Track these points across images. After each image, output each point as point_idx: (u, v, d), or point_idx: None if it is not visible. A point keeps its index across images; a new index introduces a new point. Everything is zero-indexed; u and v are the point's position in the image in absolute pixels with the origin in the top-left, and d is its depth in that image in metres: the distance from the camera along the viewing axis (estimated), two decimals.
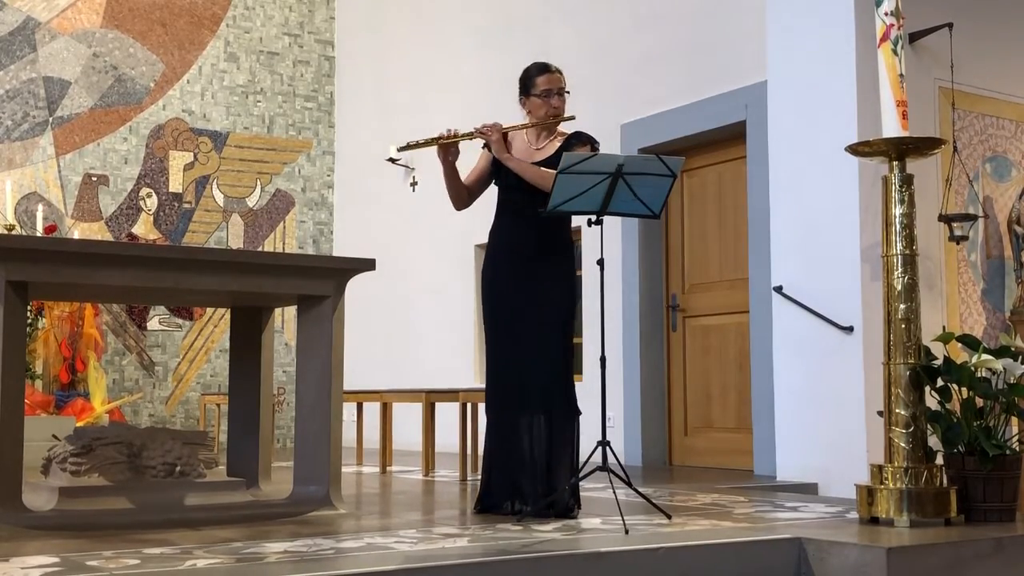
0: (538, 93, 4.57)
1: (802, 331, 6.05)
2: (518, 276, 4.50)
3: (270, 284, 4.39)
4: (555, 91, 4.57)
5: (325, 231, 11.48)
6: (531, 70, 4.64)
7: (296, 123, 11.41)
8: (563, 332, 4.49)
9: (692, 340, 7.57)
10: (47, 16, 10.33)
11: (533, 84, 4.59)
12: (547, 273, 4.50)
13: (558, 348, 4.45)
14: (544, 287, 4.48)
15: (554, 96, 4.57)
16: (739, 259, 7.17)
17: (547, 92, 4.56)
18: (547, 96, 4.56)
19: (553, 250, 4.53)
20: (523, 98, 4.64)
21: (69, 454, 4.28)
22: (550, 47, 8.28)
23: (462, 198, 4.74)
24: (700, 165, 7.55)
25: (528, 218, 4.48)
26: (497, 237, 4.62)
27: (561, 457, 4.40)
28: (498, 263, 4.58)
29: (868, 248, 5.74)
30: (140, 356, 10.44)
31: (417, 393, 6.80)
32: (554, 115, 4.58)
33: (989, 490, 4.21)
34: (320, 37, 11.60)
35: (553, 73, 4.59)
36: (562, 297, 4.51)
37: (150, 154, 10.65)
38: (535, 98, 4.58)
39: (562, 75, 4.62)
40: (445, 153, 4.61)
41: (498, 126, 4.56)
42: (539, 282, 4.48)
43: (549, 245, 4.52)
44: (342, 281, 4.57)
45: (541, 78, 4.58)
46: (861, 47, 5.80)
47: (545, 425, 4.40)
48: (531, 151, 4.61)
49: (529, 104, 4.62)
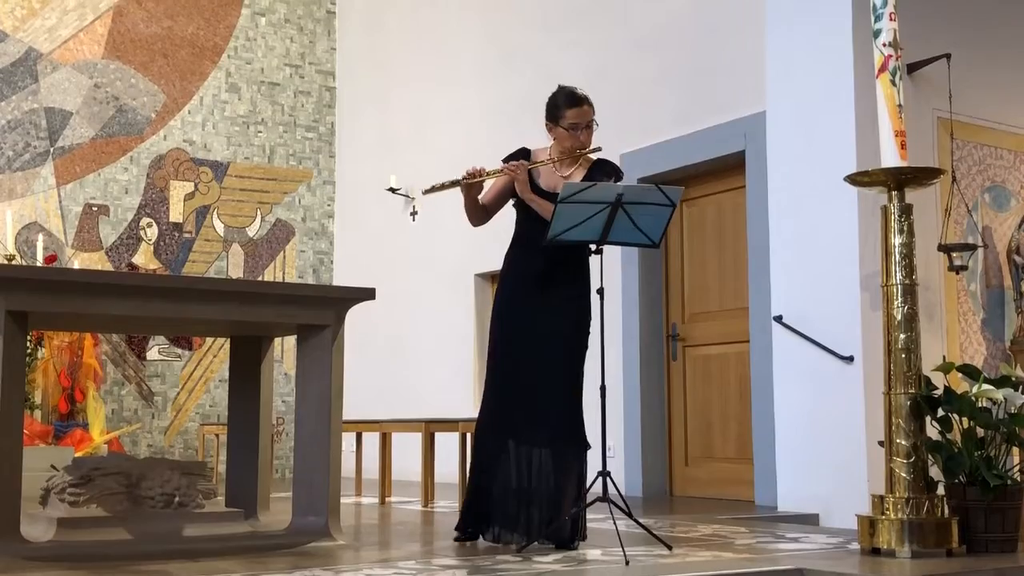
0: (566, 126, 4.52)
1: (803, 360, 6.04)
2: (531, 305, 4.48)
3: (270, 313, 4.40)
4: (583, 124, 4.53)
5: (325, 260, 11.50)
6: (560, 99, 4.54)
7: (297, 153, 11.45)
8: (575, 365, 4.46)
9: (692, 369, 7.57)
10: (49, 47, 10.38)
11: (562, 116, 4.51)
12: (560, 304, 4.48)
13: (569, 380, 4.42)
14: (556, 318, 4.46)
15: (582, 130, 4.52)
16: (739, 288, 7.18)
17: (575, 126, 4.52)
18: (575, 129, 4.51)
19: (568, 283, 4.51)
20: (550, 124, 4.57)
21: (67, 484, 4.27)
22: (549, 76, 8.31)
23: (479, 217, 4.73)
24: (700, 195, 7.56)
25: (546, 250, 4.45)
26: (514, 267, 4.59)
27: (567, 490, 4.35)
28: (514, 291, 4.55)
29: (868, 277, 5.75)
30: (139, 386, 10.43)
31: (416, 423, 6.78)
32: (581, 148, 4.55)
33: (991, 521, 4.20)
34: (321, 68, 11.67)
35: (583, 107, 4.50)
36: (574, 329, 4.49)
37: (151, 184, 10.68)
38: (562, 129, 4.54)
39: (592, 107, 4.53)
40: (468, 190, 4.60)
41: (524, 165, 4.52)
42: (551, 312, 4.46)
43: (565, 277, 4.51)
44: (342, 310, 4.57)
45: (571, 111, 4.49)
46: (860, 77, 5.83)
47: (550, 457, 4.37)
48: (557, 177, 4.58)
49: (555, 133, 4.55)
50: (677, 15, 7.67)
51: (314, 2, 11.70)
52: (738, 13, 7.16)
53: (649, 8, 7.91)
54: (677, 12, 7.67)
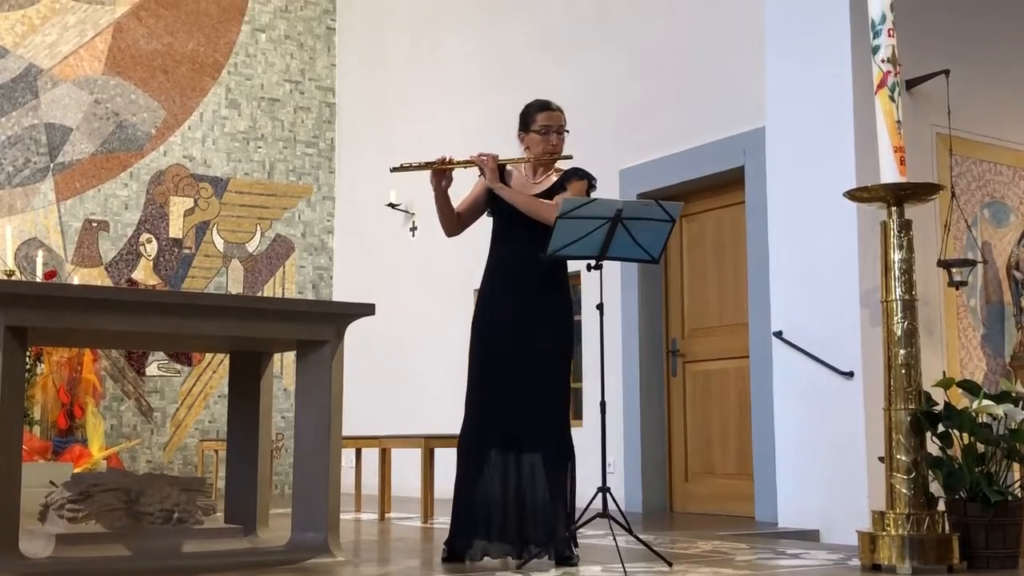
0: (537, 129, 4.57)
1: (803, 376, 6.04)
2: (513, 317, 4.47)
3: (269, 329, 4.40)
4: (554, 128, 4.57)
5: (325, 276, 11.50)
6: (531, 106, 4.65)
7: (296, 169, 11.47)
8: (559, 371, 4.45)
9: (692, 385, 7.56)
10: (49, 63, 10.41)
11: (532, 120, 4.60)
12: (542, 315, 4.47)
13: (553, 387, 4.41)
14: (538, 329, 4.45)
15: (552, 133, 4.57)
16: (739, 304, 7.18)
17: (546, 128, 4.57)
18: (545, 133, 4.56)
19: (550, 285, 4.51)
20: (522, 134, 4.65)
21: (66, 500, 4.26)
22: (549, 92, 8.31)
23: (452, 224, 4.74)
24: (699, 210, 7.57)
25: (524, 249, 4.45)
26: (494, 263, 4.61)
27: (555, 501, 4.34)
28: (494, 295, 4.55)
29: (868, 293, 5.75)
30: (138, 402, 10.42)
31: (416, 439, 6.77)
32: (552, 152, 4.59)
33: (991, 537, 4.19)
34: (321, 84, 11.69)
35: (553, 111, 4.60)
36: (557, 340, 4.48)
37: (150, 200, 10.70)
38: (534, 134, 4.58)
39: (562, 113, 4.62)
40: (439, 179, 4.62)
41: (494, 156, 4.57)
42: (534, 324, 4.45)
43: (546, 279, 4.50)
44: (341, 326, 4.57)
45: (541, 115, 4.59)
46: (859, 94, 5.84)
47: (538, 467, 4.35)
48: (529, 184, 4.61)
49: (527, 140, 4.63)
50: (676, 30, 7.69)
51: (314, 19, 11.73)
52: (738, 29, 7.19)
53: (649, 25, 7.93)
54: (677, 27, 7.70)
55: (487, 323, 4.56)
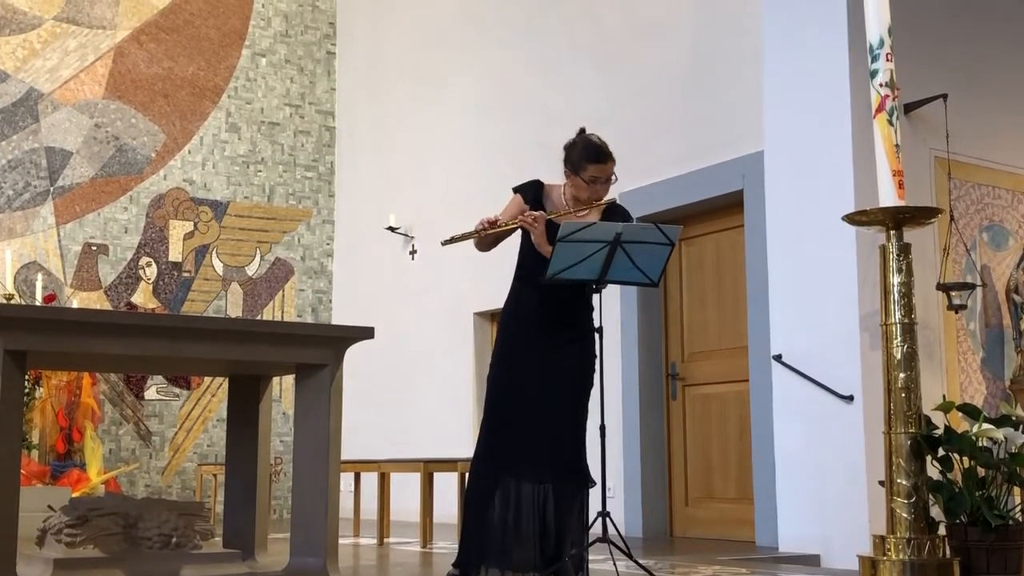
0: (586, 178, 4.54)
1: (802, 400, 6.04)
2: (541, 349, 4.46)
3: (268, 353, 4.39)
4: (603, 179, 4.57)
5: (324, 299, 11.51)
6: (587, 153, 4.55)
7: (296, 192, 11.49)
8: (577, 401, 4.45)
9: (692, 409, 7.55)
10: (50, 87, 10.44)
11: (583, 168, 4.51)
12: (567, 344, 4.47)
13: (571, 417, 4.41)
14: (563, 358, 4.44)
15: (601, 184, 4.56)
16: (738, 327, 7.18)
17: (595, 179, 4.55)
18: (594, 183, 4.55)
19: (578, 326, 4.51)
20: (569, 171, 4.58)
21: (64, 525, 4.25)
22: (549, 116, 8.38)
23: (487, 246, 4.73)
24: (698, 234, 7.59)
25: (554, 293, 4.45)
26: (516, 306, 4.58)
27: (568, 527, 4.33)
28: (516, 333, 4.53)
29: (867, 316, 5.75)
30: (137, 426, 10.40)
31: (415, 463, 6.76)
32: (596, 199, 4.58)
33: (993, 561, 4.18)
34: (321, 108, 11.73)
35: (606, 164, 4.54)
36: (581, 369, 4.47)
37: (150, 223, 10.71)
38: (581, 180, 4.55)
39: (614, 162, 4.58)
40: (486, 243, 4.62)
41: (542, 217, 4.51)
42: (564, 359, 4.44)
43: (569, 317, 4.50)
44: (341, 350, 4.56)
45: (593, 167, 4.50)
46: (857, 118, 5.86)
47: (552, 494, 4.34)
48: (571, 217, 4.57)
49: (574, 181, 4.55)
50: (675, 54, 7.73)
51: (314, 43, 11.78)
52: (736, 53, 7.22)
53: (647, 48, 7.96)
54: (675, 51, 7.73)
55: (513, 359, 4.52)
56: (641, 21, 8.07)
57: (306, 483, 4.53)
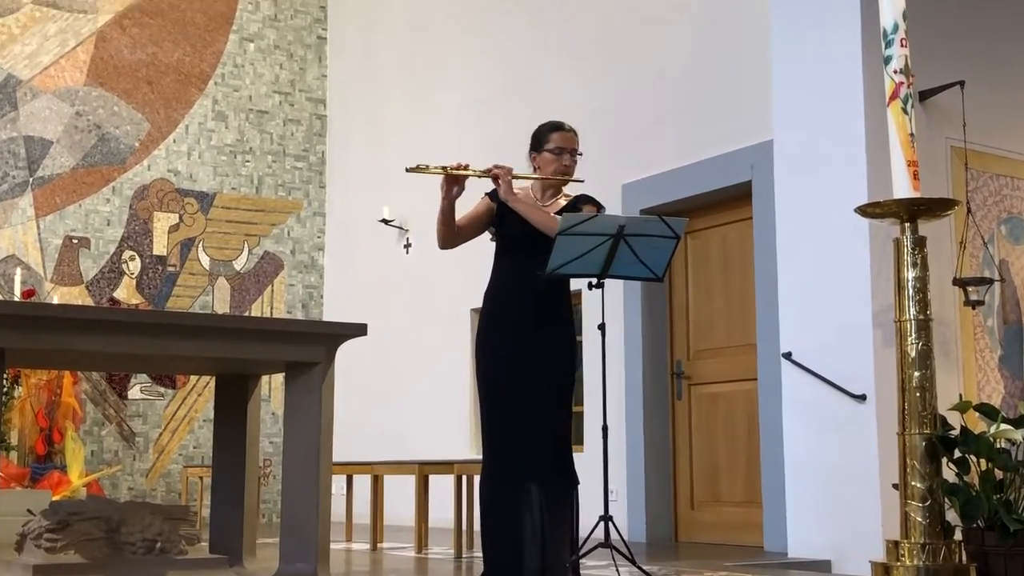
0: (550, 149, 4.60)
1: (813, 399, 6.04)
2: (517, 342, 4.48)
3: (257, 350, 4.39)
4: (567, 150, 4.60)
5: (315, 295, 11.50)
6: (545, 126, 4.69)
7: (286, 183, 11.48)
8: (562, 401, 4.47)
9: (698, 409, 7.56)
10: (29, 74, 10.43)
11: (546, 140, 4.63)
12: (547, 340, 4.48)
13: (557, 418, 4.42)
14: (544, 354, 4.46)
15: (566, 155, 4.60)
16: (746, 324, 7.18)
17: (559, 149, 4.59)
18: (559, 153, 4.59)
19: (553, 317, 4.52)
20: (533, 154, 4.66)
21: (44, 530, 4.25)
22: (550, 105, 8.36)
23: (450, 238, 4.73)
24: (705, 226, 7.58)
25: (527, 282, 4.47)
26: (493, 301, 4.62)
27: (559, 530, 4.34)
28: (495, 329, 4.57)
29: (880, 313, 5.75)
30: (120, 426, 10.40)
31: (410, 465, 6.76)
32: (564, 173, 4.61)
33: (1011, 567, 4.18)
34: (311, 95, 11.72)
35: (567, 132, 4.63)
36: (562, 365, 4.49)
37: (134, 216, 10.70)
38: (547, 154, 4.60)
39: (576, 136, 4.65)
40: (450, 186, 4.61)
41: (509, 169, 4.58)
42: (538, 349, 4.46)
43: (549, 311, 4.51)
44: (332, 347, 4.56)
45: (555, 135, 4.61)
46: (870, 106, 5.86)
47: (542, 497, 4.35)
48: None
49: (539, 160, 4.65)
50: (680, 39, 7.72)
51: (304, 28, 11.77)
52: (744, 39, 7.21)
53: (651, 34, 7.96)
54: (680, 36, 7.72)
55: (488, 349, 4.56)
56: (643, 4, 8.06)
57: (296, 486, 4.53)
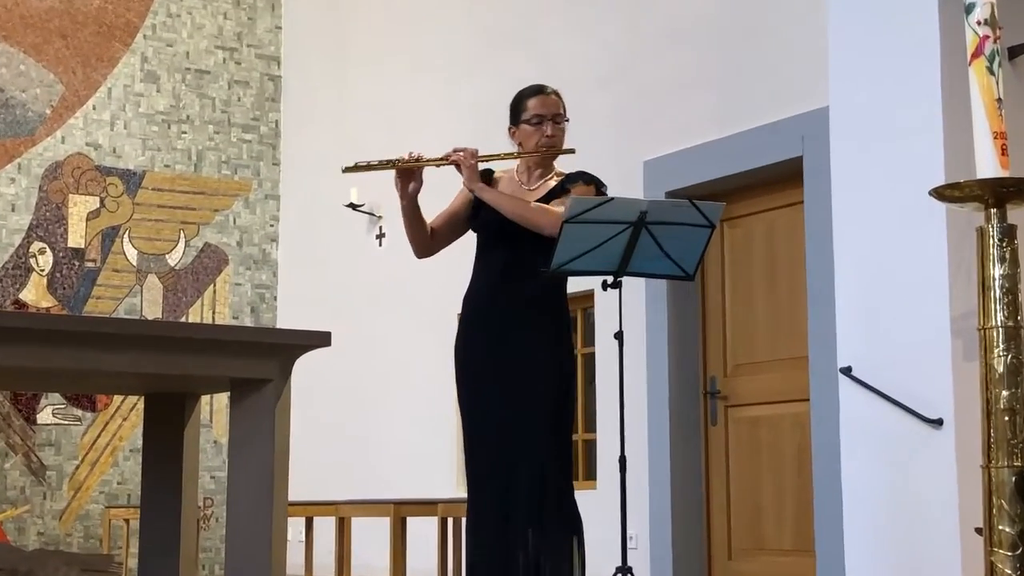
0: (528, 119, 4.61)
1: (877, 425, 6.04)
2: (496, 357, 4.49)
3: (195, 364, 4.39)
4: (549, 117, 4.60)
5: (267, 296, 11.51)
6: (522, 93, 4.73)
7: (231, 160, 11.48)
8: (556, 427, 4.46)
9: (736, 436, 7.57)
10: None
11: (523, 108, 4.65)
12: (533, 352, 4.48)
13: (549, 447, 4.42)
14: (529, 370, 4.46)
15: (547, 123, 4.59)
16: (796, 333, 7.19)
17: (539, 117, 4.60)
18: (539, 123, 4.59)
19: (542, 324, 4.52)
20: (512, 128, 4.70)
21: None
22: (556, 67, 8.37)
23: (423, 242, 4.74)
24: (745, 213, 7.59)
25: (510, 283, 4.46)
26: (468, 308, 4.62)
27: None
28: (471, 340, 4.57)
29: (960, 319, 5.75)
30: (27, 457, 10.40)
31: (384, 505, 6.76)
32: (547, 146, 4.60)
33: None
34: (263, 52, 11.72)
35: (548, 95, 4.64)
36: (553, 382, 4.48)
37: (44, 199, 10.70)
38: (525, 125, 4.62)
39: (560, 98, 4.66)
40: (404, 182, 4.61)
41: (474, 151, 4.57)
42: (522, 364, 4.46)
43: (536, 317, 4.51)
44: (288, 360, 4.56)
45: (533, 100, 4.63)
46: (948, 65, 5.86)
47: (538, 546, 4.35)
48: (521, 191, 4.63)
49: (519, 134, 4.67)
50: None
51: None
52: None
53: None
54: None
55: (463, 365, 4.58)
56: None
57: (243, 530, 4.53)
